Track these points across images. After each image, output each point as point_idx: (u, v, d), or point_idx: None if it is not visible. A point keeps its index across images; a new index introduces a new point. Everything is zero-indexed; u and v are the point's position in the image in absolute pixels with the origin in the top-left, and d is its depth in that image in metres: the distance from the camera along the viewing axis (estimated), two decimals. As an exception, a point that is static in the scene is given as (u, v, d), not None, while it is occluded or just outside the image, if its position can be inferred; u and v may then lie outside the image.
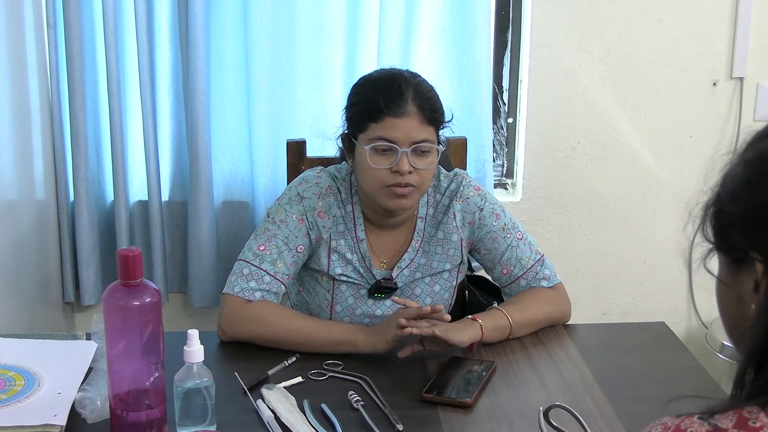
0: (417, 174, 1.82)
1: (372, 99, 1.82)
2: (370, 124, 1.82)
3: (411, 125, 1.80)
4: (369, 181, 1.85)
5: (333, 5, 2.58)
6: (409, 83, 1.83)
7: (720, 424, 0.85)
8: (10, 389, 1.55)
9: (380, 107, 1.80)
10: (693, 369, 1.79)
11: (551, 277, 1.98)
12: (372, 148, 1.81)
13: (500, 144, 2.87)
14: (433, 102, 1.85)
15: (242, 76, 2.60)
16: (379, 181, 1.82)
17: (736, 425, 0.84)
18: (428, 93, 1.85)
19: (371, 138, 1.82)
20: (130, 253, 1.36)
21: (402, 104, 1.80)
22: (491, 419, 1.58)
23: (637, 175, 2.82)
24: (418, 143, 1.80)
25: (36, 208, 2.50)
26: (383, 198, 1.85)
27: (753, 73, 2.75)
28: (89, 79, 2.54)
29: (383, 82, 1.85)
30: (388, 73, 1.88)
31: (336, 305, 1.96)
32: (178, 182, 2.70)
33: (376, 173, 1.82)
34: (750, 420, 0.84)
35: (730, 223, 0.91)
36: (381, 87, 1.84)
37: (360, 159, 1.85)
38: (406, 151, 1.80)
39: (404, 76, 1.86)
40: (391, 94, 1.81)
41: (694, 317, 2.93)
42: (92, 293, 2.68)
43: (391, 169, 1.81)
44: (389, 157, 1.81)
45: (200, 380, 1.43)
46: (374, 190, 1.85)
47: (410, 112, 1.80)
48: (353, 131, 1.87)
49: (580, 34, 2.70)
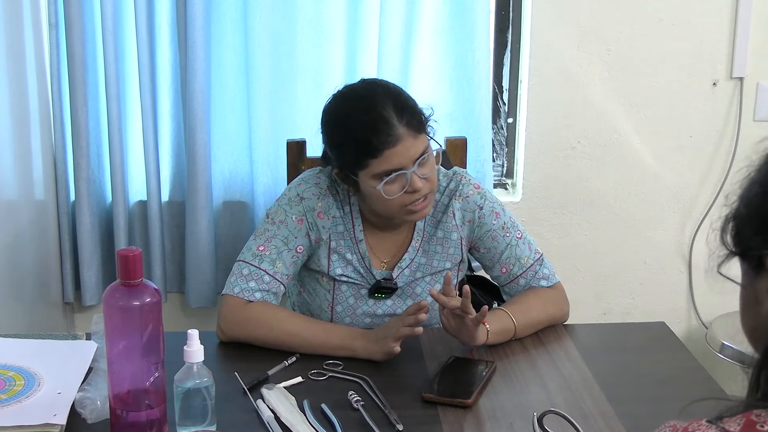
0: (427, 181, 1.81)
1: (362, 139, 1.76)
2: (368, 161, 1.77)
3: (408, 145, 1.77)
4: (387, 208, 1.83)
5: (333, 5, 2.58)
6: (386, 102, 1.77)
7: (728, 427, 0.84)
8: (10, 389, 1.55)
9: (374, 144, 1.75)
10: (693, 369, 1.79)
11: (550, 277, 1.98)
12: (383, 183, 1.78)
13: (500, 144, 2.87)
14: (414, 109, 1.81)
15: (242, 76, 2.60)
16: (398, 205, 1.81)
17: (743, 429, 0.84)
18: (405, 102, 1.80)
19: (376, 174, 1.78)
20: (130, 253, 1.36)
21: (393, 131, 1.75)
22: (491, 419, 1.58)
23: (637, 175, 2.82)
24: (419, 157, 1.79)
25: (36, 208, 2.50)
26: (405, 216, 1.85)
27: (753, 73, 2.75)
28: (90, 79, 2.55)
29: (362, 114, 1.78)
30: (359, 100, 1.81)
31: (337, 306, 1.96)
32: (178, 182, 2.70)
33: (393, 201, 1.80)
34: (758, 424, 0.84)
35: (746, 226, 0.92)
36: (365, 123, 1.77)
37: (370, 192, 1.82)
38: (414, 170, 1.78)
39: (376, 96, 1.79)
40: (379, 125, 1.75)
41: (694, 317, 2.93)
42: (93, 293, 2.68)
43: (405, 191, 1.79)
44: (400, 182, 1.79)
45: (200, 380, 1.43)
46: (394, 213, 1.85)
47: (402, 134, 1.76)
48: (351, 169, 1.82)
49: (580, 34, 2.70)
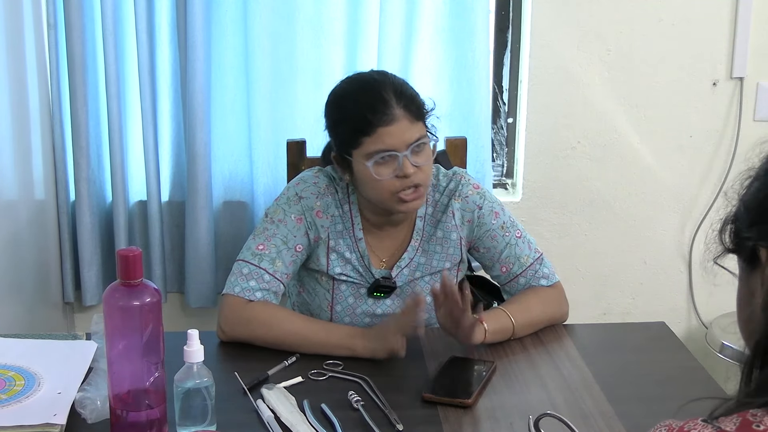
0: (420, 171, 1.81)
1: (358, 114, 1.80)
2: (362, 139, 1.79)
3: (403, 128, 1.79)
4: (377, 192, 1.84)
5: (333, 5, 2.58)
6: (386, 86, 1.80)
7: (724, 426, 0.84)
8: (10, 389, 1.55)
9: (369, 120, 1.78)
10: (693, 369, 1.79)
11: (550, 276, 1.98)
12: (374, 162, 1.80)
13: (500, 144, 2.87)
14: (415, 97, 1.83)
15: (242, 76, 2.60)
16: (388, 190, 1.82)
17: (739, 429, 0.83)
18: (407, 90, 1.83)
19: (369, 153, 1.80)
20: (130, 253, 1.36)
21: (389, 111, 1.78)
22: (491, 419, 1.58)
23: (637, 175, 2.82)
24: (413, 143, 1.80)
25: (35, 208, 2.50)
26: (394, 205, 1.85)
27: (753, 73, 2.75)
28: (90, 79, 2.54)
29: (362, 93, 1.82)
30: (362, 83, 1.85)
31: (336, 305, 1.96)
32: (178, 182, 2.70)
33: (383, 184, 1.81)
34: (754, 423, 0.83)
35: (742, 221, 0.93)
36: (362, 99, 1.81)
37: (362, 174, 1.83)
38: (406, 154, 1.79)
39: (378, 80, 1.83)
40: (376, 104, 1.78)
41: (694, 317, 2.93)
42: (94, 293, 2.68)
43: (396, 174, 1.80)
44: (391, 165, 1.80)
45: (200, 380, 1.43)
46: (384, 200, 1.85)
47: (398, 115, 1.78)
48: (345, 149, 1.84)
49: (580, 34, 2.70)
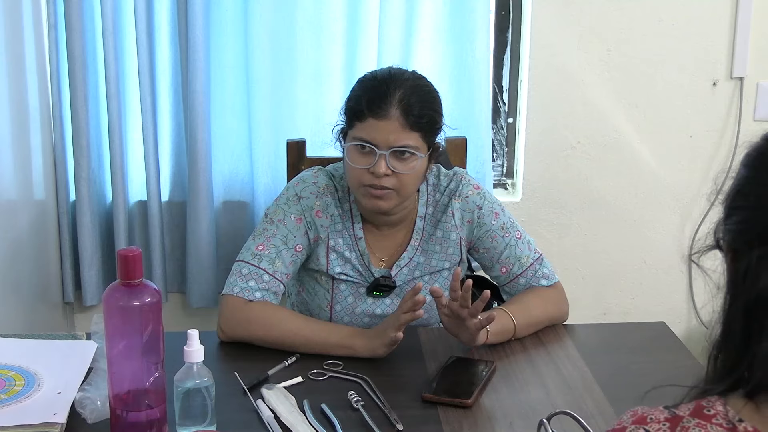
0: (396, 177, 1.81)
1: (359, 98, 1.82)
2: (354, 122, 1.82)
3: (391, 129, 1.78)
4: (349, 177, 1.86)
5: (333, 5, 2.58)
6: (400, 85, 1.80)
7: (678, 411, 0.90)
8: (10, 389, 1.55)
9: (364, 107, 1.80)
10: (693, 369, 1.79)
11: (550, 276, 1.98)
12: (353, 146, 1.82)
13: (500, 144, 2.87)
14: (423, 108, 1.80)
15: (242, 76, 2.60)
16: (357, 179, 1.83)
17: (692, 413, 0.90)
18: (419, 98, 1.81)
19: (354, 137, 1.82)
20: (130, 253, 1.36)
21: (384, 106, 1.78)
22: (491, 419, 1.58)
23: (637, 175, 2.82)
24: (397, 148, 1.79)
25: (35, 208, 2.50)
26: (360, 197, 1.86)
27: (753, 73, 2.75)
28: (90, 79, 2.54)
29: (374, 81, 1.84)
30: (380, 75, 1.86)
31: (336, 304, 1.96)
32: (178, 182, 2.70)
33: (355, 171, 1.83)
34: (705, 408, 0.90)
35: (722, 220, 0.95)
36: (369, 87, 1.83)
37: (345, 156, 1.86)
38: (384, 154, 1.79)
39: (394, 78, 1.82)
40: (375, 95, 1.79)
41: (694, 317, 2.93)
42: (93, 293, 2.67)
43: (369, 169, 1.81)
44: (368, 158, 1.81)
45: (200, 380, 1.43)
46: (353, 188, 1.87)
47: (392, 115, 1.78)
48: (346, 128, 1.87)
49: (580, 34, 2.70)
